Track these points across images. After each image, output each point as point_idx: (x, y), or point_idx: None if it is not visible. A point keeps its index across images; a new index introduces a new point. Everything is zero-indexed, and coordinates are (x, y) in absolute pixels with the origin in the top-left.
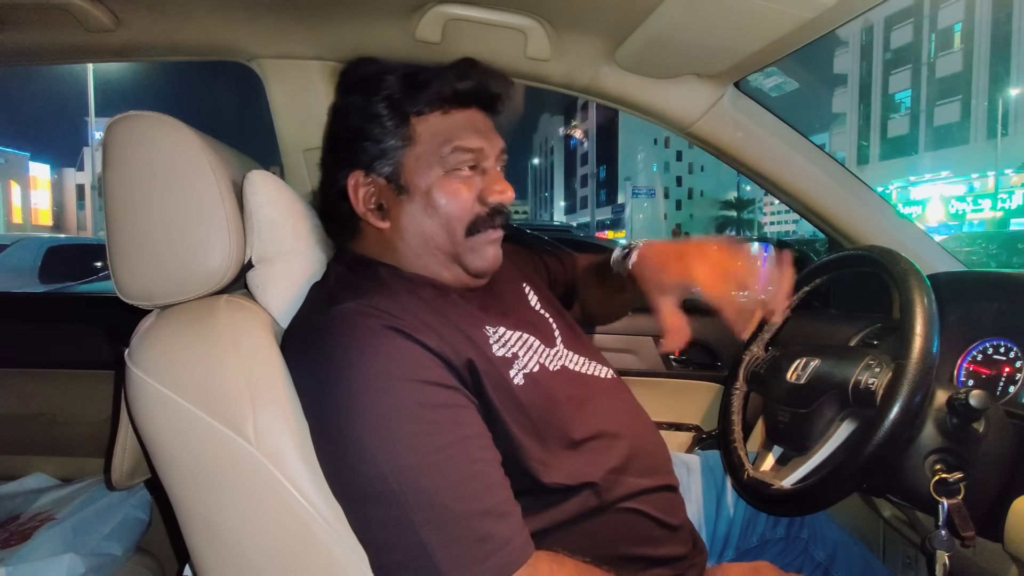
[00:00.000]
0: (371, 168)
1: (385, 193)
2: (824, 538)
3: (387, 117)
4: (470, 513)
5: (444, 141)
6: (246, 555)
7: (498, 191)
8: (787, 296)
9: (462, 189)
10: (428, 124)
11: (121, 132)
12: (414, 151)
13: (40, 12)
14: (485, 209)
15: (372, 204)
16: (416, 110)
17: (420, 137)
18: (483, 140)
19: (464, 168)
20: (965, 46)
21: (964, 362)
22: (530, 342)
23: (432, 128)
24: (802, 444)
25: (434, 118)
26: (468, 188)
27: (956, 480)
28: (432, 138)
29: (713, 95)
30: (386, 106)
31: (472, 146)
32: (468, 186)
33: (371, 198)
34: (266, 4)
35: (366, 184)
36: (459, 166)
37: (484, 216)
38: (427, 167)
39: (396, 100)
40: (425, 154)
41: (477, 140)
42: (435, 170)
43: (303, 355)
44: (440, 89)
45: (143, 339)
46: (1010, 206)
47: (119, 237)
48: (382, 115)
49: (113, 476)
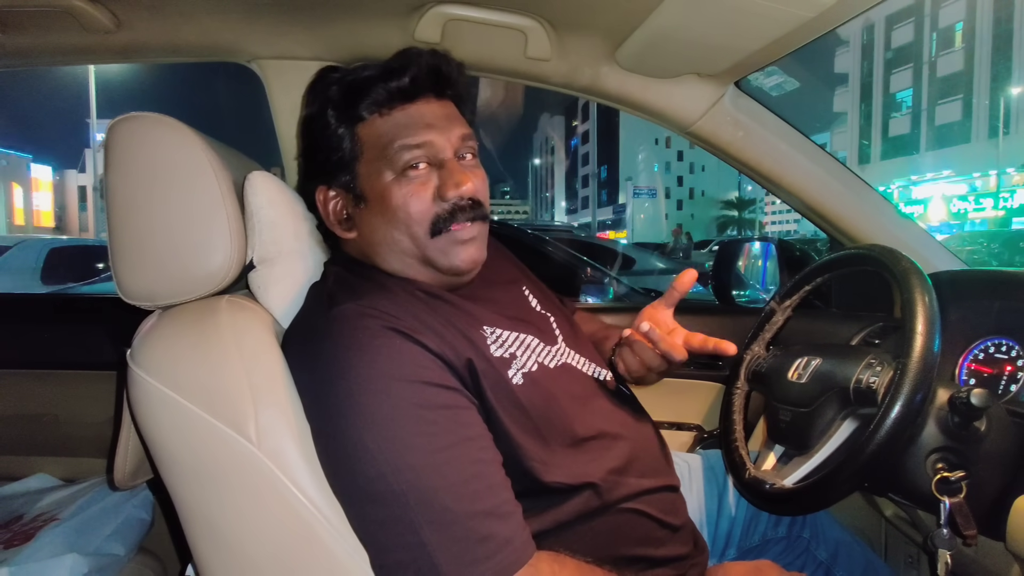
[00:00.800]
0: (333, 181)
1: (348, 204)
2: (826, 537)
3: (335, 127)
4: (471, 513)
5: (388, 142)
6: (248, 555)
7: (454, 184)
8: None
9: (416, 190)
10: (372, 128)
11: (123, 133)
12: (364, 159)
13: (41, 14)
14: (446, 206)
15: (339, 216)
16: (358, 117)
17: (366, 144)
18: (431, 132)
19: (418, 165)
20: (966, 45)
21: (966, 361)
22: (528, 341)
23: (376, 132)
24: (803, 443)
25: (377, 121)
26: (423, 187)
27: (958, 479)
28: (377, 141)
29: (714, 94)
30: (334, 117)
31: (417, 141)
32: (423, 185)
33: (341, 210)
34: (266, 5)
35: (332, 198)
36: (410, 164)
37: (444, 214)
38: (377, 173)
39: (340, 110)
40: (373, 159)
41: (423, 134)
42: (385, 175)
43: (303, 356)
44: (376, 92)
45: (145, 339)
46: (1012, 205)
47: (121, 238)
48: (331, 125)
49: (115, 476)
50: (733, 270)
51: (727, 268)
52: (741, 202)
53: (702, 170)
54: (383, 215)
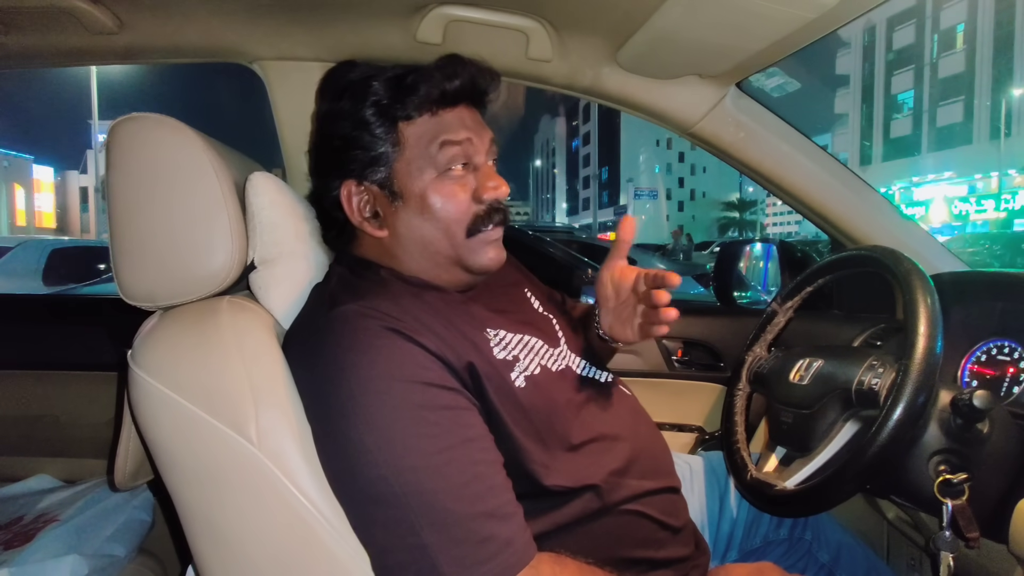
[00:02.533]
0: (363, 176)
1: (380, 201)
2: (828, 539)
3: (376, 124)
4: (472, 515)
5: (432, 140)
6: (248, 556)
7: (492, 187)
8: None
9: (457, 190)
10: (416, 127)
11: (124, 134)
12: (404, 156)
13: (43, 15)
14: (482, 207)
15: (367, 213)
16: (405, 115)
17: (409, 141)
18: (470, 132)
19: (456, 167)
20: (968, 46)
21: (968, 363)
22: (531, 343)
23: (421, 130)
24: (805, 445)
25: (422, 121)
26: (463, 188)
27: (960, 481)
28: (421, 140)
29: (715, 96)
30: (375, 113)
31: (459, 138)
32: (462, 186)
33: (366, 207)
34: (267, 6)
35: (359, 193)
36: (450, 164)
37: (482, 215)
38: (419, 171)
39: (384, 106)
40: (416, 157)
41: (465, 132)
42: (427, 173)
43: (304, 357)
44: (428, 92)
45: (146, 340)
46: (1013, 207)
47: (122, 239)
48: (371, 122)
49: (116, 477)
50: (734, 271)
51: (728, 269)
52: (742, 203)
53: (703, 171)
54: (422, 214)
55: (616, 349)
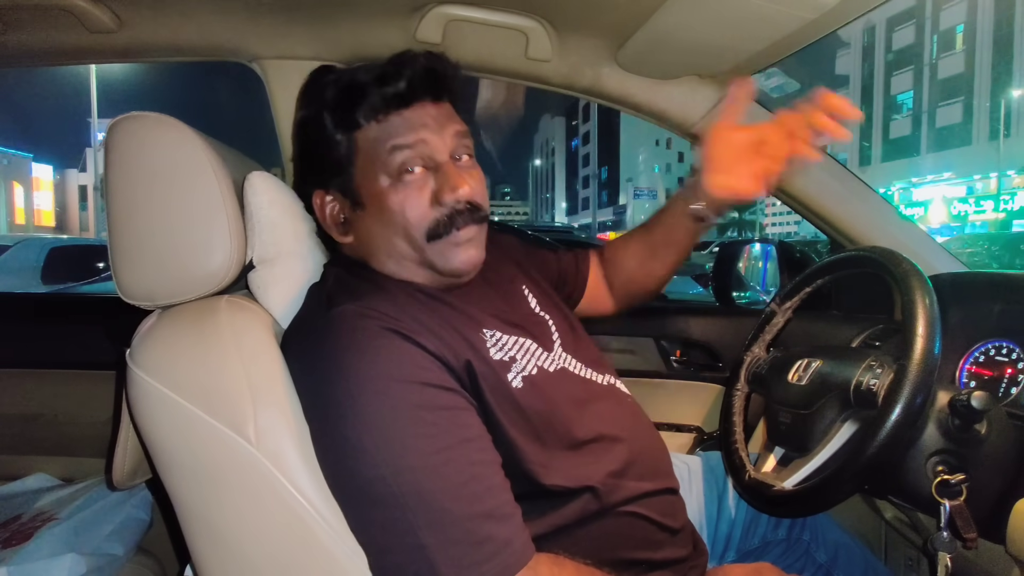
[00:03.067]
0: (329, 184)
1: (345, 208)
2: (826, 540)
3: (334, 132)
4: (469, 515)
5: (382, 145)
6: (247, 555)
7: (451, 188)
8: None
9: (412, 195)
10: (368, 134)
11: (123, 133)
12: (359, 164)
13: (42, 13)
14: (443, 210)
15: (336, 220)
16: (355, 123)
17: (362, 148)
18: (425, 132)
19: (414, 169)
20: (967, 47)
21: (966, 363)
22: (527, 345)
23: (371, 136)
24: (803, 445)
25: (373, 127)
26: (419, 192)
27: (958, 481)
28: (372, 146)
29: (714, 96)
30: (331, 120)
31: (410, 140)
32: (419, 189)
33: (334, 214)
34: (267, 5)
35: (329, 202)
36: (405, 167)
37: (444, 218)
38: (374, 177)
39: (338, 114)
40: (368, 164)
41: (417, 133)
42: (381, 179)
43: (302, 357)
44: (371, 98)
45: (144, 339)
46: (1012, 207)
47: (121, 237)
48: (329, 130)
49: (114, 476)
50: (733, 272)
51: (727, 270)
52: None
53: None
54: (380, 220)
55: (708, 224)
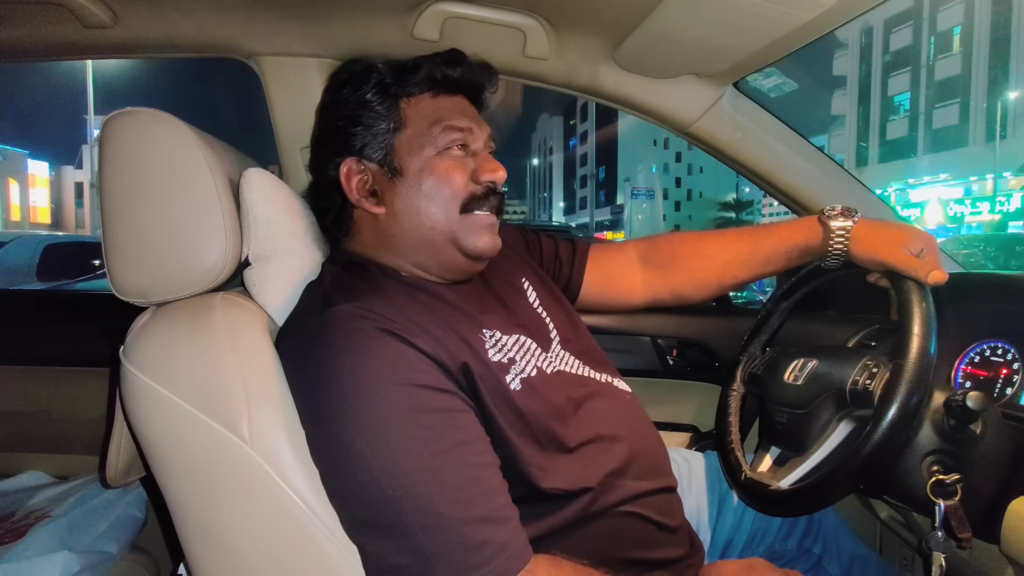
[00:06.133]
0: (363, 154)
1: (378, 178)
2: (840, 552)
3: (377, 102)
4: (465, 519)
5: (434, 121)
6: (240, 553)
7: (490, 169)
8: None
9: (454, 167)
10: (418, 106)
11: (117, 128)
12: (405, 133)
13: (37, 8)
14: (479, 188)
15: (366, 190)
16: (406, 92)
17: (410, 119)
18: (472, 122)
19: (455, 148)
20: (964, 49)
21: (961, 364)
22: (527, 345)
23: (422, 110)
24: (799, 445)
25: (424, 100)
26: (461, 167)
27: (953, 481)
28: (422, 119)
29: (712, 95)
30: (376, 92)
31: (462, 125)
32: (461, 165)
33: (364, 184)
34: (263, 1)
35: (359, 171)
36: (450, 146)
37: (479, 195)
38: (419, 148)
39: (386, 85)
40: (416, 135)
41: (466, 121)
42: (427, 150)
43: (297, 357)
44: (430, 72)
45: (138, 336)
46: (1008, 209)
47: (115, 234)
48: (371, 101)
49: (107, 474)
50: None
51: None
52: (739, 204)
53: (700, 172)
54: (420, 186)
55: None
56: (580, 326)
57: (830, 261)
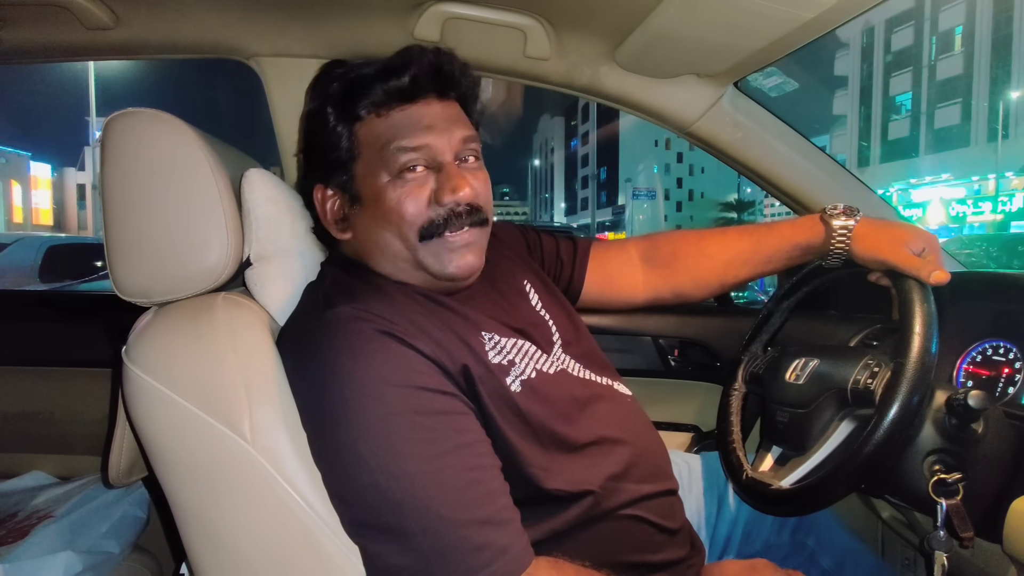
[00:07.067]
0: (330, 180)
1: (344, 204)
2: (832, 546)
3: (334, 125)
4: (466, 522)
5: (384, 144)
6: (242, 552)
7: (451, 189)
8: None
9: (406, 194)
10: (370, 129)
11: (119, 129)
12: (361, 159)
13: (39, 10)
14: (441, 211)
15: (338, 216)
16: (356, 116)
17: (364, 143)
18: (430, 135)
19: (416, 168)
20: (966, 49)
21: (963, 363)
22: (527, 348)
23: (374, 132)
24: (801, 444)
25: (375, 121)
26: (419, 190)
27: (955, 481)
28: (374, 142)
29: (713, 95)
30: (333, 114)
31: (414, 144)
32: (419, 188)
33: (336, 210)
34: (264, 2)
35: (330, 197)
36: (407, 167)
37: (439, 219)
38: (373, 174)
39: (339, 107)
40: (370, 160)
41: (421, 136)
42: (381, 177)
43: (298, 359)
44: (373, 92)
45: (140, 336)
46: (1010, 209)
47: (117, 234)
48: (330, 123)
49: (110, 474)
50: None
51: None
52: (740, 204)
53: (701, 172)
54: (376, 217)
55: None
56: (582, 328)
57: (832, 260)
